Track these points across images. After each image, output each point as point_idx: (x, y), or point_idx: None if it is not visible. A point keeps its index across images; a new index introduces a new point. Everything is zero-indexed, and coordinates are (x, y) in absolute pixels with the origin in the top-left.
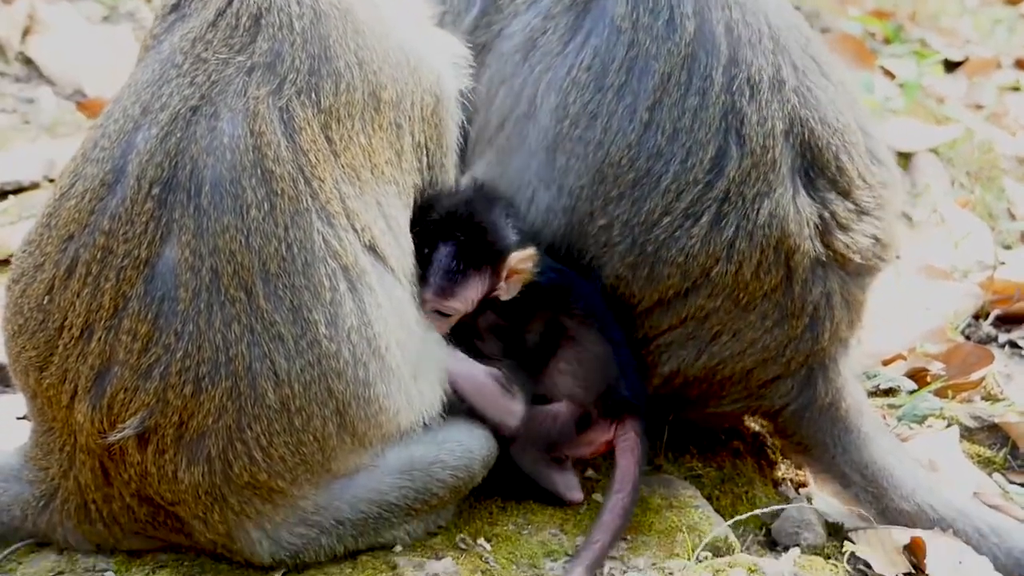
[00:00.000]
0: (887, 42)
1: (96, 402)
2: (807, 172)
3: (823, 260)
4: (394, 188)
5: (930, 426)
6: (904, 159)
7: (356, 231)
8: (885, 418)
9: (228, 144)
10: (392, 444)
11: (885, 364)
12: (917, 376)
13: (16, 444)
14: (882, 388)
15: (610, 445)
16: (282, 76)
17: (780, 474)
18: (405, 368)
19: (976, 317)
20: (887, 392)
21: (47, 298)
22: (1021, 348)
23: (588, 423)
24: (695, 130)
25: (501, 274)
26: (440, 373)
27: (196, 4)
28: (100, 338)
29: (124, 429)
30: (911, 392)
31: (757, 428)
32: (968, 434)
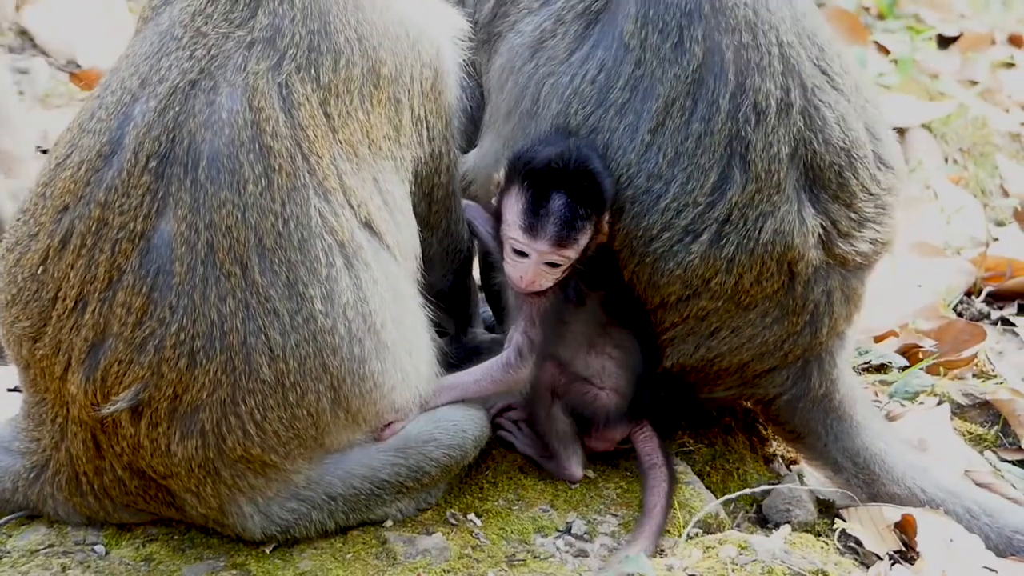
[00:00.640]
0: (881, 17)
1: (90, 374)
2: (811, 187)
3: (825, 264)
4: (391, 164)
5: (922, 403)
6: (897, 135)
7: (353, 207)
8: (876, 395)
9: (227, 119)
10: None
11: (877, 341)
12: (909, 353)
13: (7, 416)
14: (874, 365)
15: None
16: (282, 51)
17: (771, 450)
18: (400, 345)
19: (968, 294)
20: (879, 369)
21: (41, 268)
22: (1013, 325)
23: (614, 420)
24: (698, 155)
25: (603, 223)
26: (435, 351)
27: None
28: (94, 310)
29: (118, 402)
30: (903, 369)
31: (749, 404)
32: (960, 411)
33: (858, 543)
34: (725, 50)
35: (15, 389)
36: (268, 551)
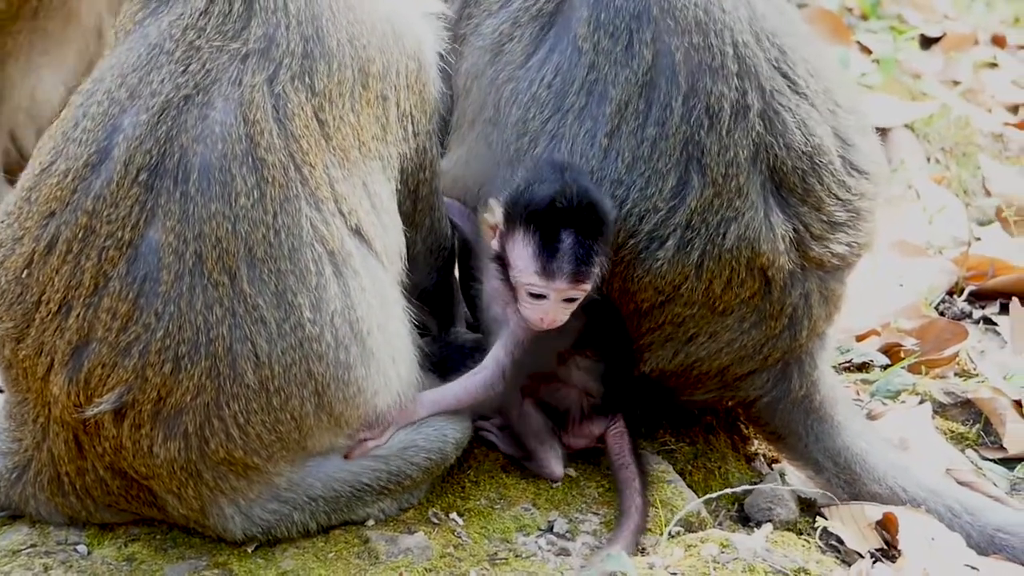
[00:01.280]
0: (864, 17)
1: (73, 375)
2: (778, 191)
3: (800, 267)
4: (379, 164)
5: (903, 402)
6: (880, 135)
7: (343, 215)
8: (858, 394)
9: (220, 133)
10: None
11: (859, 340)
12: (891, 352)
13: None
14: (855, 363)
15: (598, 440)
16: (277, 61)
17: (753, 449)
18: (384, 351)
19: (950, 293)
20: (860, 367)
21: (26, 272)
22: (995, 324)
23: (588, 414)
24: (654, 160)
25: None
26: (416, 355)
27: None
28: (79, 314)
29: (101, 404)
30: (884, 368)
31: (730, 405)
32: (941, 410)
33: (840, 541)
34: (675, 52)
35: None
36: (250, 551)
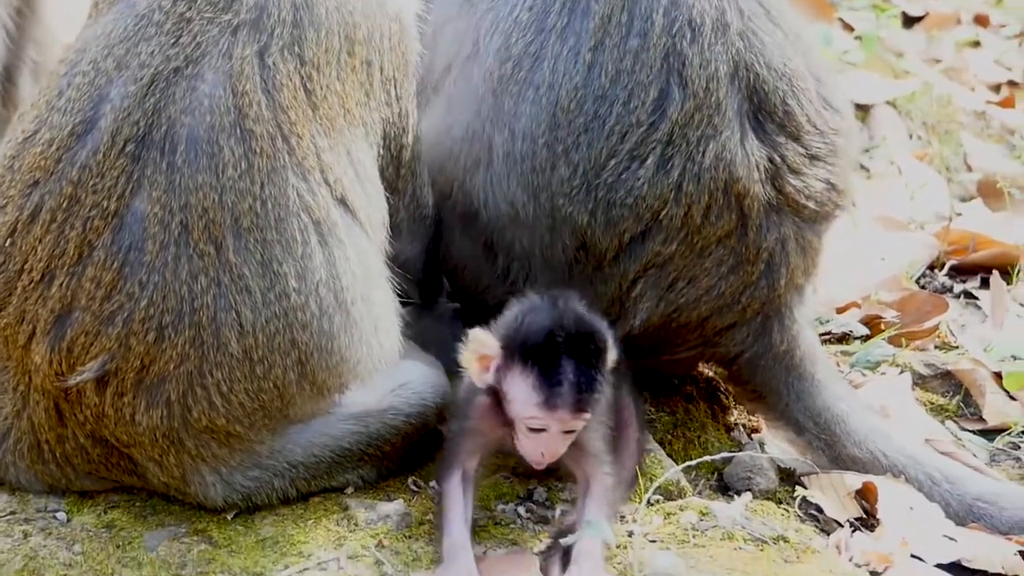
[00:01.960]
0: None
1: (55, 344)
2: (755, 115)
3: (776, 205)
4: (362, 130)
5: (883, 373)
6: (862, 111)
7: (329, 184)
8: (839, 365)
9: (208, 105)
10: (348, 391)
11: (839, 311)
12: (871, 324)
13: None
14: (835, 335)
15: None
16: (268, 31)
17: (733, 419)
18: (367, 321)
19: (931, 267)
20: (841, 339)
21: (8, 240)
22: (976, 298)
23: None
24: (637, 72)
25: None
26: (399, 324)
27: None
28: (62, 283)
29: (84, 372)
30: (864, 339)
31: (710, 373)
32: (921, 381)
33: (819, 510)
34: None
35: None
36: (230, 518)
